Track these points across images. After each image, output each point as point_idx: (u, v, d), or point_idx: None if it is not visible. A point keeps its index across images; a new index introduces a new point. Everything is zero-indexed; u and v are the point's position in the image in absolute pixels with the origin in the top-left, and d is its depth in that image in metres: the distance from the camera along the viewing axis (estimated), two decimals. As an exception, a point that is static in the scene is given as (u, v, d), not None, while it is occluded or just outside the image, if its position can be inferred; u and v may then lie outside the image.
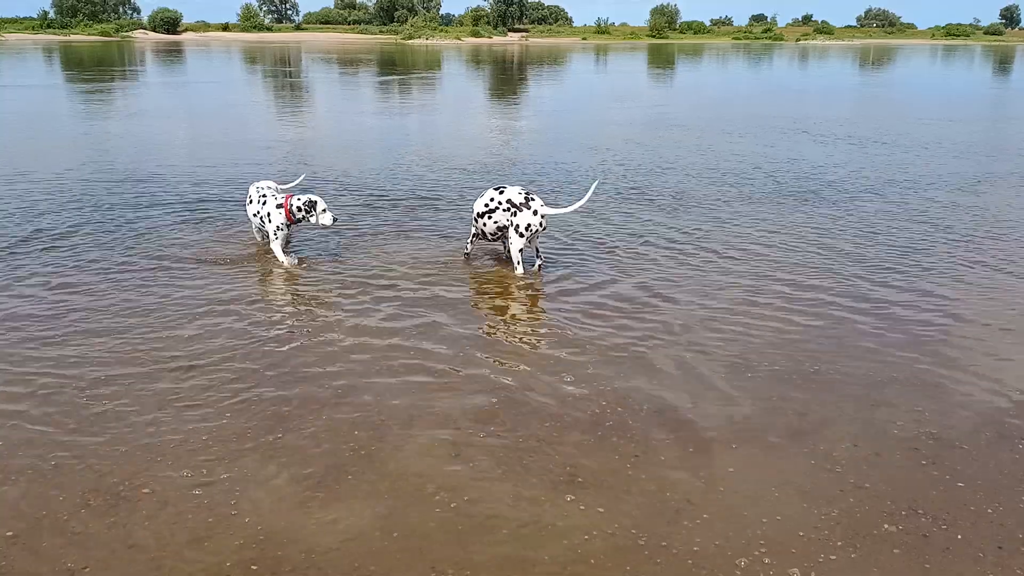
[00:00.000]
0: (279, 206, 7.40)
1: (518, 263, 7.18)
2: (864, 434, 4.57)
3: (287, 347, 5.65)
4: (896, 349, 5.76)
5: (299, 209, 7.35)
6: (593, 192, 7.46)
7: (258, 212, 7.56)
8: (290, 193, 7.59)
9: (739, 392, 5.05)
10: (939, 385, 5.21)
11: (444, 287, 7.01)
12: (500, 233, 7.30)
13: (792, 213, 9.89)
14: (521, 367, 5.39)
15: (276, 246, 7.47)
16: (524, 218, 7.03)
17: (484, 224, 7.27)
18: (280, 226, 7.41)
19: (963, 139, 17.05)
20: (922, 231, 9.03)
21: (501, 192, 7.19)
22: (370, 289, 6.90)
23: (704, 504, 3.88)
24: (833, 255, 8.02)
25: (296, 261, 7.48)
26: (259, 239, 8.00)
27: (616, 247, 8.19)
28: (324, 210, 7.37)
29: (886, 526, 3.74)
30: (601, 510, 3.84)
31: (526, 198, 7.07)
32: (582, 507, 3.86)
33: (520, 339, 5.91)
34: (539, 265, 7.28)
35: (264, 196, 7.54)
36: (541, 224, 7.09)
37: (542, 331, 6.08)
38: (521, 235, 7.07)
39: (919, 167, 13.37)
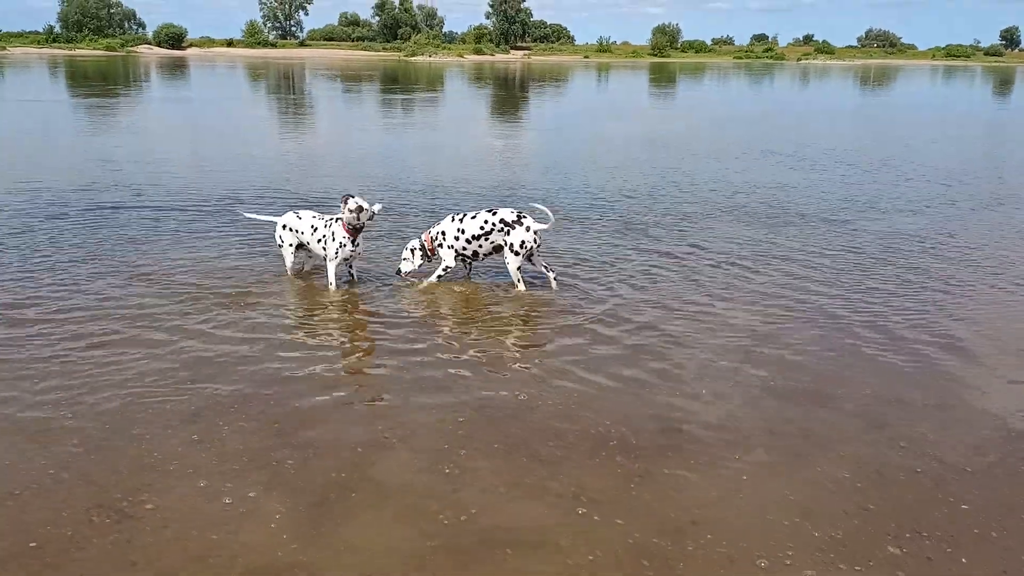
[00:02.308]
0: (336, 219, 7.21)
1: (519, 280, 7.29)
2: (867, 455, 4.56)
3: (291, 365, 5.64)
4: (899, 370, 5.77)
5: (351, 212, 6.99)
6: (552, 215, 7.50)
7: (323, 237, 7.22)
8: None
9: (742, 412, 5.05)
10: (943, 406, 5.21)
11: (443, 306, 7.04)
12: (492, 254, 7.42)
13: (790, 234, 9.91)
14: (523, 386, 5.38)
15: (332, 268, 7.25)
16: (518, 235, 7.16)
17: (480, 246, 7.32)
18: (342, 242, 7.13)
19: (953, 165, 17.11)
20: (922, 253, 9.04)
21: (494, 214, 7.29)
22: (371, 307, 6.91)
23: (707, 524, 3.88)
24: (834, 277, 8.03)
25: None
26: (296, 268, 7.72)
27: (616, 266, 8.21)
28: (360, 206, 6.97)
29: (890, 548, 3.73)
30: (605, 529, 3.83)
31: (519, 216, 7.23)
32: (587, 526, 3.85)
33: (521, 358, 5.91)
34: (554, 278, 7.42)
35: (329, 219, 7.29)
36: (535, 241, 7.23)
37: (542, 351, 6.06)
38: (516, 253, 7.18)
39: (917, 188, 13.41)
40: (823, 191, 12.92)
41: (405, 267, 7.56)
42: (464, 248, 7.38)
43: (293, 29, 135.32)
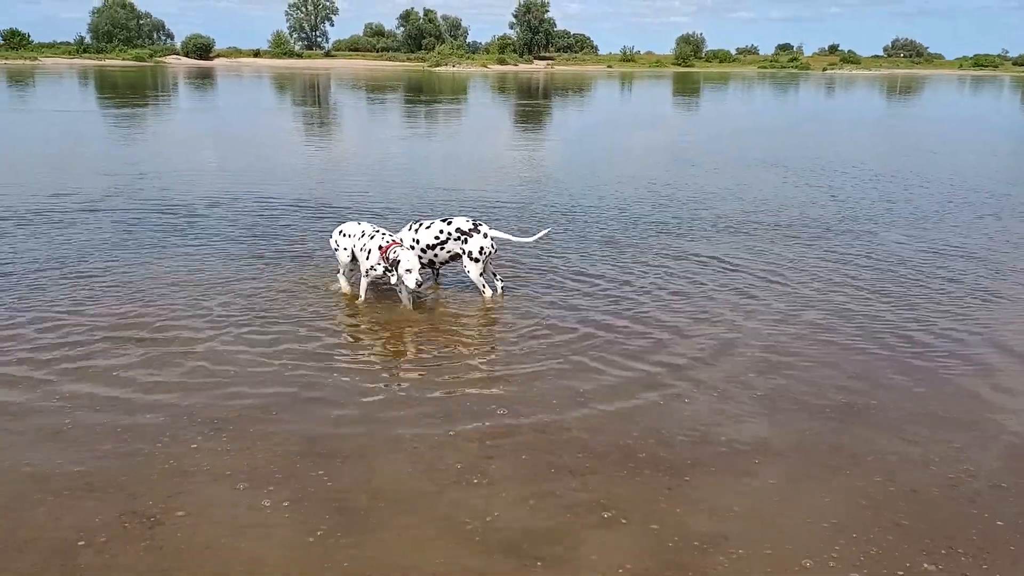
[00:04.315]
0: (383, 234, 7.17)
1: (483, 286, 7.44)
2: (900, 470, 4.51)
3: (319, 377, 5.66)
4: (930, 383, 5.70)
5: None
6: (542, 236, 7.92)
7: (364, 247, 7.14)
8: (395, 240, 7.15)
9: (772, 426, 5.01)
10: (976, 420, 5.14)
11: (466, 318, 7.05)
12: (449, 261, 7.64)
13: (814, 248, 9.83)
14: (549, 399, 5.36)
15: (364, 281, 7.26)
16: (476, 242, 7.32)
17: (436, 255, 7.52)
18: (374, 265, 7.02)
19: (974, 175, 16.91)
20: (950, 265, 8.92)
21: (449, 223, 7.47)
22: (397, 319, 6.94)
23: (739, 540, 3.84)
24: (862, 289, 7.95)
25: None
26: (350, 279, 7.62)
27: (639, 278, 8.18)
28: (408, 270, 6.72)
29: (925, 565, 3.68)
30: (634, 543, 3.81)
31: (474, 224, 7.43)
32: (616, 539, 3.83)
33: (546, 371, 5.86)
34: (501, 288, 7.57)
35: (376, 233, 7.19)
36: (492, 247, 7.41)
37: (567, 363, 6.01)
38: (476, 260, 7.32)
39: (943, 200, 13.26)
40: (849, 203, 12.80)
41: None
42: (420, 257, 7.44)
43: (319, 40, 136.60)
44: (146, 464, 4.40)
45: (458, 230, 7.38)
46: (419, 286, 6.79)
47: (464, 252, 7.35)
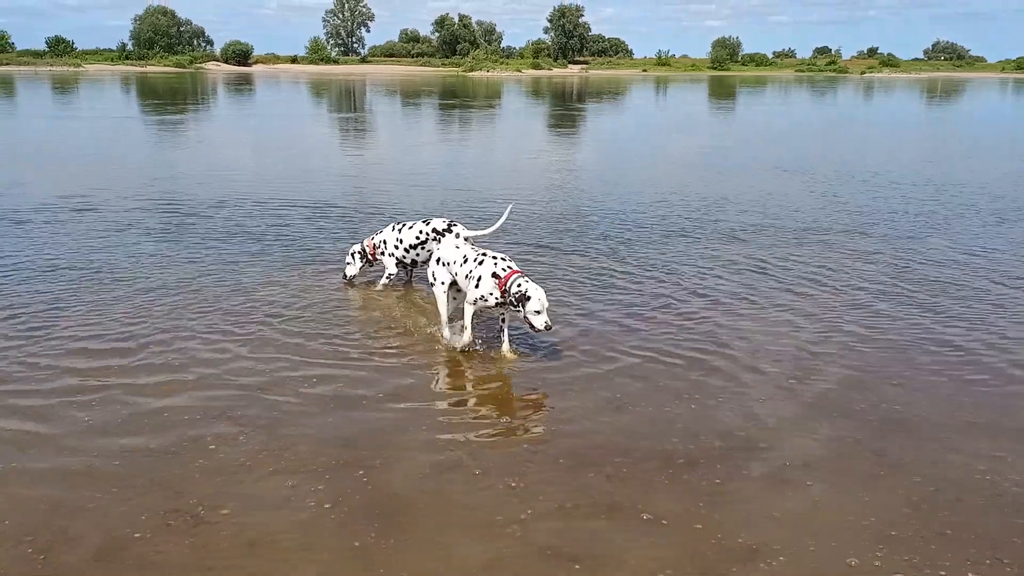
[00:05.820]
0: (492, 256, 6.22)
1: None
2: (944, 478, 4.44)
3: (362, 383, 5.71)
4: (975, 391, 5.60)
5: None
6: (508, 215, 7.50)
7: (470, 274, 6.19)
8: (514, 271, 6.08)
9: (813, 432, 4.96)
10: (1020, 429, 5.04)
11: (492, 324, 7.07)
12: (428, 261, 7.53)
13: (852, 255, 9.71)
14: (587, 403, 5.37)
15: (468, 311, 6.24)
16: (448, 242, 7.34)
17: (418, 254, 7.72)
18: (484, 296, 6.08)
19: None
20: (989, 274, 8.76)
21: (428, 223, 7.65)
22: (423, 325, 6.99)
23: (780, 546, 3.81)
24: (906, 297, 7.84)
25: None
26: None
27: (676, 284, 8.15)
28: (537, 312, 5.77)
29: (970, 574, 3.63)
30: (674, 549, 3.80)
31: (448, 225, 7.56)
32: (654, 545, 3.82)
33: (583, 376, 5.86)
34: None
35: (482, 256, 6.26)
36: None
37: (605, 369, 6.00)
38: None
39: (982, 207, 13.03)
40: (889, 208, 12.63)
41: (349, 271, 7.97)
42: (404, 256, 7.81)
43: (355, 46, 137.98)
44: (190, 464, 4.48)
45: (434, 230, 7.57)
46: (548, 329, 5.83)
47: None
